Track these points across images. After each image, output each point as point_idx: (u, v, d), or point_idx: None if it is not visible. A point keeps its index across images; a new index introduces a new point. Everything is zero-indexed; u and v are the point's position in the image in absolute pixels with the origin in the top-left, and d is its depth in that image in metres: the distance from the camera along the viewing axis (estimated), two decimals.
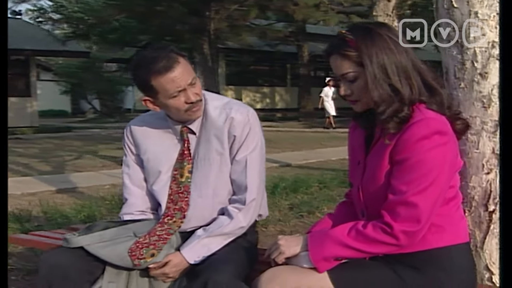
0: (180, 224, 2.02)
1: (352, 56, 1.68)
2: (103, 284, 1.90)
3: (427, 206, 1.61)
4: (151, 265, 1.88)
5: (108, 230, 1.93)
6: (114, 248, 1.87)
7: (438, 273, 1.65)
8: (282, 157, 10.27)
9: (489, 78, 1.95)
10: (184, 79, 1.90)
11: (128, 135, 2.17)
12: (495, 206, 1.98)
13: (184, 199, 2.04)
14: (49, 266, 1.86)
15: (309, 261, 1.72)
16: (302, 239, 1.77)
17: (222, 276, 1.71)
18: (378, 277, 1.68)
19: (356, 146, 1.86)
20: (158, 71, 1.88)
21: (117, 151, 11.92)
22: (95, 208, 5.17)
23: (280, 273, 1.74)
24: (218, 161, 2.03)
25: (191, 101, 1.93)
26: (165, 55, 1.90)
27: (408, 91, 1.67)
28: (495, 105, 1.96)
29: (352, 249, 1.67)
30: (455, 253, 1.68)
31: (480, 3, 1.93)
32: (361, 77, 1.69)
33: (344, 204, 2.00)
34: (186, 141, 2.07)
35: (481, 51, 1.95)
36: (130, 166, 2.16)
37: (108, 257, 1.87)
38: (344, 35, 1.70)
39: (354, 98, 1.74)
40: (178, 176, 2.07)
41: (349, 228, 1.70)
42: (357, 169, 1.82)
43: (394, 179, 1.65)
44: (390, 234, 1.62)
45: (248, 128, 2.02)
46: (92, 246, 1.87)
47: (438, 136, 1.61)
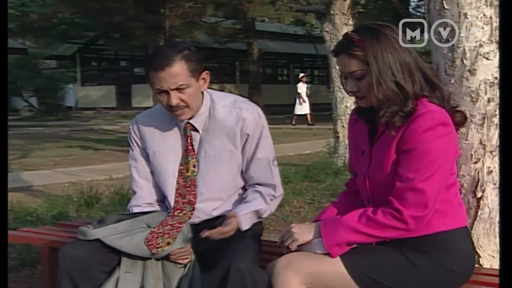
0: (190, 215, 2.10)
1: (359, 55, 1.79)
2: (120, 274, 1.95)
3: (433, 192, 1.74)
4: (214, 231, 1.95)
5: (122, 222, 1.98)
6: (131, 239, 1.93)
7: (443, 255, 1.78)
8: None
9: (477, 74, 2.10)
10: (170, 82, 1.97)
11: (135, 129, 2.22)
12: (482, 193, 2.14)
13: (191, 193, 2.12)
14: (69, 258, 1.90)
15: (322, 247, 1.82)
16: (314, 227, 1.87)
17: (244, 263, 1.79)
18: (388, 260, 1.80)
19: (359, 137, 1.97)
20: (152, 66, 1.98)
21: (69, 149, 11.73)
22: (63, 206, 5.11)
23: (295, 259, 1.83)
24: (228, 158, 2.12)
25: (171, 104, 2.01)
26: (166, 53, 1.97)
27: (411, 87, 1.79)
28: (482, 100, 2.11)
29: (364, 234, 1.78)
30: (457, 236, 1.82)
31: (469, 5, 2.08)
32: (368, 75, 1.80)
33: (346, 193, 2.11)
34: (189, 137, 2.14)
35: (470, 50, 2.10)
36: (138, 160, 2.21)
37: (125, 247, 1.92)
38: (351, 36, 1.81)
39: (361, 94, 1.85)
40: (184, 171, 2.14)
41: (359, 214, 1.81)
42: (362, 159, 1.93)
43: (401, 168, 1.77)
44: (400, 219, 1.74)
45: (261, 126, 2.13)
46: (108, 238, 1.93)
47: (441, 127, 1.75)
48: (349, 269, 1.80)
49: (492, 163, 2.13)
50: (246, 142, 2.12)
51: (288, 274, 1.80)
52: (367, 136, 1.94)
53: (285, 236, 1.90)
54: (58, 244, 2.60)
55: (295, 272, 1.80)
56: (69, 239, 2.64)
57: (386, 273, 1.78)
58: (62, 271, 1.91)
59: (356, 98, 1.90)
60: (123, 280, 1.92)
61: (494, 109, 2.11)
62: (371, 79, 1.79)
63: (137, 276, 1.95)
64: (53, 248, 2.65)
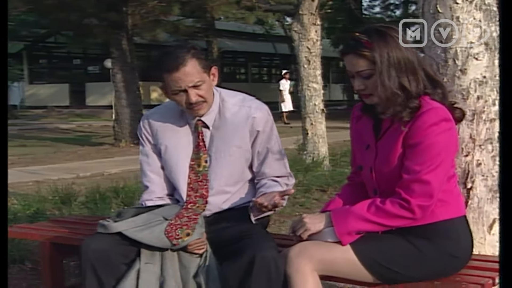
0: (203, 208, 2.19)
1: (367, 55, 1.92)
2: (141, 266, 2.03)
3: (438, 182, 1.89)
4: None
5: (139, 216, 2.06)
6: (151, 231, 2.02)
7: (447, 242, 1.93)
8: None
9: (468, 73, 2.27)
10: (186, 81, 2.07)
11: (145, 126, 2.30)
12: (472, 184, 2.31)
13: (203, 187, 2.21)
14: (92, 251, 1.98)
15: (333, 236, 1.95)
16: (324, 216, 2.00)
17: (269, 252, 1.91)
18: (396, 247, 1.94)
19: (364, 132, 2.10)
20: (166, 69, 2.07)
21: (24, 148, 11.53)
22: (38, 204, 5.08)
23: (307, 247, 1.96)
24: (237, 154, 2.23)
25: (191, 102, 2.11)
26: (177, 54, 2.07)
27: (415, 86, 1.94)
28: (472, 97, 2.28)
29: (373, 223, 1.92)
30: (458, 224, 1.98)
31: (461, 9, 2.24)
32: (375, 74, 1.93)
33: (349, 186, 2.24)
34: (201, 134, 2.23)
35: (461, 51, 2.27)
36: (149, 156, 2.29)
37: (146, 239, 2.00)
38: (359, 37, 1.94)
39: (368, 92, 1.98)
40: (195, 166, 2.23)
41: (367, 204, 1.94)
42: (367, 153, 2.07)
43: (407, 161, 1.91)
44: (407, 208, 1.88)
45: (271, 123, 2.26)
46: (129, 231, 2.00)
47: (444, 123, 1.90)
48: (359, 256, 1.93)
49: (481, 156, 2.30)
50: (256, 137, 2.23)
51: (302, 261, 1.92)
52: (372, 131, 2.07)
53: (297, 225, 2.02)
54: (59, 240, 2.65)
55: (307, 259, 1.93)
56: (70, 234, 2.69)
57: (394, 259, 1.92)
58: (86, 263, 1.98)
59: (363, 96, 2.02)
60: (144, 271, 2.00)
61: (483, 105, 2.28)
62: (376, 78, 1.93)
63: (157, 267, 2.03)
64: (53, 243, 2.69)
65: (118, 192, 5.45)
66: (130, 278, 1.98)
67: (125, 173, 7.92)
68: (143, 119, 2.33)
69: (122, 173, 7.88)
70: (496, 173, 2.30)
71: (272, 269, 1.89)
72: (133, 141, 12.10)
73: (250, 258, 1.90)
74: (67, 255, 2.89)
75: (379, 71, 1.91)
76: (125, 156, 10.37)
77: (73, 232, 2.74)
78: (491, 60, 2.28)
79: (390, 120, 1.98)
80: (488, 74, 2.27)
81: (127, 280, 1.98)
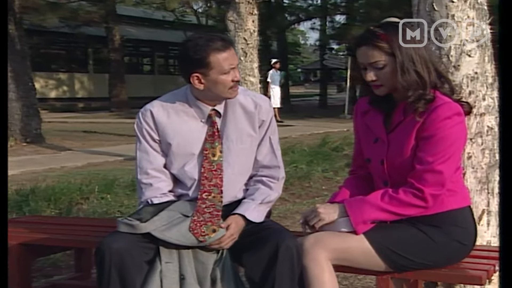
0: (220, 199, 2.33)
1: (383, 47, 2.17)
2: (162, 266, 2.16)
3: (449, 173, 2.17)
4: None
5: (160, 215, 2.19)
6: (178, 229, 2.16)
7: (457, 229, 2.21)
8: (123, 150, 10.41)
9: (461, 70, 2.59)
10: (235, 59, 2.28)
11: (147, 120, 2.38)
12: (463, 176, 2.63)
13: (218, 176, 2.35)
14: (116, 251, 2.09)
15: (347, 225, 2.19)
16: (338, 207, 2.23)
17: (291, 241, 2.13)
18: (409, 235, 2.20)
19: (372, 126, 2.34)
20: (217, 48, 2.24)
21: None
22: None
23: (322, 237, 2.18)
24: (249, 143, 2.41)
25: (237, 79, 2.30)
26: (220, 37, 2.28)
27: (428, 77, 2.21)
28: (465, 92, 2.59)
29: (388, 212, 2.16)
30: (466, 213, 2.27)
31: (456, 8, 2.55)
32: (388, 65, 2.18)
33: (352, 178, 2.47)
34: (215, 123, 2.38)
35: (455, 47, 2.58)
36: (149, 153, 2.38)
37: (175, 238, 2.15)
38: (375, 30, 2.19)
39: (379, 83, 2.23)
40: (210, 155, 2.36)
41: (381, 194, 2.19)
42: (376, 146, 2.31)
43: (421, 152, 2.17)
44: (421, 197, 2.15)
45: (272, 113, 2.46)
46: (158, 231, 2.14)
47: (456, 117, 2.18)
48: (373, 244, 2.17)
49: (471, 149, 2.61)
50: (260, 127, 2.42)
51: (317, 251, 2.14)
52: (382, 124, 2.31)
53: (311, 216, 2.23)
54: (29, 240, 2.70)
55: (323, 249, 2.15)
56: (43, 235, 2.74)
57: (408, 247, 2.18)
58: (108, 264, 2.08)
59: (374, 87, 2.26)
60: (165, 270, 2.14)
61: (474, 100, 2.60)
62: (390, 69, 2.18)
63: (175, 265, 2.17)
64: (24, 244, 2.73)
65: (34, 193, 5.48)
66: (155, 280, 2.12)
67: (26, 175, 7.80)
68: (143, 113, 2.40)
69: (22, 175, 7.71)
70: (485, 166, 2.63)
71: (294, 259, 2.09)
72: (25, 139, 11.71)
73: (274, 247, 2.09)
74: (36, 255, 2.92)
75: (400, 62, 2.16)
76: (19, 156, 9.98)
77: (47, 233, 2.78)
78: (482, 57, 2.60)
79: (403, 113, 2.24)
80: (479, 70, 2.60)
81: (153, 282, 2.11)
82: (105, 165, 8.67)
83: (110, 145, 11.70)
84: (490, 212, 2.64)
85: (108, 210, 5.42)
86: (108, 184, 6.19)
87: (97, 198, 5.81)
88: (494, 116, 2.63)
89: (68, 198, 5.63)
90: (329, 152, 8.84)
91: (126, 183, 6.41)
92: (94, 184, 6.19)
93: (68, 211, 5.27)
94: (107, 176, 6.86)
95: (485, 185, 2.63)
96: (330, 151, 8.95)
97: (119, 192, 6.02)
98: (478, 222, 2.61)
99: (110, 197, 5.84)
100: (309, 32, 74.49)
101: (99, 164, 8.50)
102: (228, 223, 2.25)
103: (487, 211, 2.64)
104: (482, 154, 2.63)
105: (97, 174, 7.12)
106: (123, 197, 5.87)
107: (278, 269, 2.08)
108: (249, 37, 7.54)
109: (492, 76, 2.64)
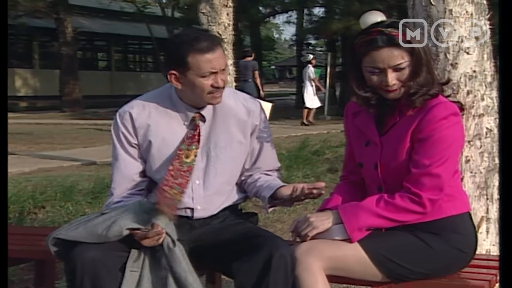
0: (180, 199, 2.39)
1: (404, 48, 2.25)
2: (126, 273, 2.22)
3: (447, 176, 2.28)
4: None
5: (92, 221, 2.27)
6: (85, 226, 2.24)
7: (457, 237, 2.32)
8: (79, 153, 10.40)
9: (459, 68, 2.71)
10: (219, 63, 2.33)
11: (125, 123, 2.45)
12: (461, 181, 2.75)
13: (185, 177, 2.41)
14: (90, 260, 2.16)
15: (341, 233, 2.29)
16: (331, 214, 2.32)
17: (285, 250, 2.21)
18: (406, 243, 2.30)
19: (364, 128, 2.44)
20: (199, 49, 2.29)
21: None
22: None
23: (316, 245, 2.28)
24: (238, 150, 2.50)
25: (218, 85, 2.35)
26: (208, 36, 2.33)
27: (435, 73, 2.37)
28: (462, 92, 2.72)
29: (384, 218, 2.27)
30: (466, 219, 2.39)
31: (454, 2, 2.68)
32: (408, 66, 2.27)
33: (343, 184, 2.57)
34: (198, 127, 2.45)
35: (453, 45, 2.70)
36: (123, 160, 2.47)
37: (80, 236, 2.22)
38: (390, 31, 2.26)
39: (397, 86, 2.29)
40: (183, 156, 2.43)
41: (375, 200, 2.29)
42: (368, 149, 2.41)
43: (417, 155, 2.28)
44: (418, 202, 2.25)
45: (264, 115, 2.55)
46: (62, 232, 2.25)
47: (453, 117, 2.29)
48: (369, 253, 2.27)
49: (469, 152, 2.74)
50: (253, 131, 2.51)
51: (311, 259, 2.23)
52: (374, 126, 2.41)
53: (303, 225, 2.32)
54: None
55: (317, 257, 2.24)
56: None
57: (405, 255, 2.28)
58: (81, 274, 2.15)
59: (388, 92, 2.30)
60: (131, 277, 2.21)
61: (472, 100, 2.73)
62: (408, 71, 2.27)
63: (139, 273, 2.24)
64: None
65: None
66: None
67: None
68: (121, 114, 2.46)
69: None
70: (483, 170, 2.75)
71: (289, 267, 2.19)
72: None
73: (267, 255, 2.18)
74: None
75: (425, 60, 2.28)
76: None
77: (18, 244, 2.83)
78: (481, 55, 2.73)
79: (398, 115, 2.34)
80: (477, 68, 2.73)
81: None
82: (59, 170, 8.57)
83: (64, 148, 11.63)
84: (489, 219, 2.77)
85: (69, 219, 5.42)
86: (67, 191, 6.19)
87: (55, 206, 5.81)
88: (493, 117, 2.75)
89: (18, 207, 5.61)
90: (310, 156, 8.94)
91: (86, 190, 6.43)
92: (50, 191, 6.18)
93: (19, 221, 5.24)
94: (63, 182, 6.83)
95: (484, 191, 2.76)
96: (311, 155, 9.06)
97: (80, 200, 6.03)
98: (477, 229, 2.72)
99: (70, 205, 5.85)
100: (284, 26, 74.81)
101: (52, 170, 8.41)
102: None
103: (486, 218, 2.76)
104: (480, 157, 2.75)
105: (51, 181, 7.08)
106: (85, 206, 5.89)
107: (271, 278, 2.17)
108: (223, 32, 7.60)
109: (491, 75, 2.77)
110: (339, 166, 2.54)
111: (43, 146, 12.00)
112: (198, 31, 2.42)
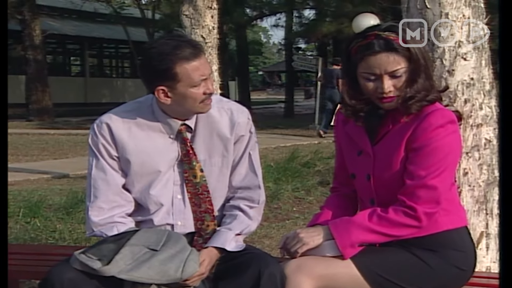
0: (214, 227, 2.47)
1: (403, 52, 2.31)
2: None
3: (445, 188, 2.33)
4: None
5: (122, 252, 2.25)
6: (149, 266, 2.23)
7: (454, 253, 2.37)
8: (49, 166, 10.37)
9: (455, 75, 2.77)
10: (207, 68, 2.36)
11: (104, 134, 2.45)
12: (459, 195, 2.80)
13: (206, 200, 2.48)
14: (68, 281, 2.18)
15: (332, 249, 2.33)
16: (322, 230, 2.37)
17: (275, 268, 2.25)
18: (401, 260, 2.34)
19: (354, 137, 2.49)
20: (185, 57, 2.30)
21: None
22: None
23: (306, 263, 2.32)
24: (220, 164, 2.52)
25: (210, 91, 2.37)
26: (188, 42, 2.35)
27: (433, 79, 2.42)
28: (460, 100, 2.78)
29: (377, 233, 2.31)
30: (463, 234, 2.44)
31: (450, 5, 2.74)
32: (405, 72, 2.32)
33: (334, 197, 2.62)
34: (187, 140, 2.47)
35: (449, 50, 2.77)
36: (107, 172, 2.46)
37: (146, 278, 2.22)
38: (388, 35, 2.32)
39: (393, 94, 2.34)
40: (191, 178, 2.47)
41: (368, 214, 2.34)
42: (360, 159, 2.46)
43: (411, 165, 2.32)
44: (413, 216, 2.29)
45: (250, 127, 2.56)
46: (123, 272, 2.21)
47: (450, 125, 2.34)
48: (361, 270, 2.32)
49: (467, 164, 2.80)
50: (237, 142, 2.52)
51: (301, 278, 2.28)
52: (366, 135, 2.46)
53: (292, 241, 2.36)
54: None
55: (306, 275, 2.28)
56: None
57: (399, 273, 2.33)
58: None
59: (384, 100, 2.34)
60: None
61: (470, 109, 2.79)
62: (406, 77, 2.32)
63: None
64: None
65: None
66: None
67: None
68: (98, 125, 2.47)
69: None
70: (482, 183, 2.81)
71: (278, 286, 2.22)
72: None
73: (255, 274, 2.21)
74: None
75: (424, 66, 2.33)
76: None
77: None
78: (479, 61, 2.80)
79: (391, 122, 2.39)
80: (475, 75, 2.79)
81: None
82: (25, 184, 8.50)
83: (30, 160, 11.57)
84: (489, 234, 2.82)
85: (37, 236, 5.42)
86: (33, 206, 6.18)
87: (19, 223, 5.79)
88: (492, 128, 2.81)
89: None
90: (299, 168, 8.96)
91: (57, 205, 6.43)
92: (14, 206, 6.14)
93: None
94: (30, 197, 6.81)
95: (483, 205, 2.81)
96: (300, 167, 9.07)
97: (49, 216, 6.02)
98: (477, 246, 2.77)
99: (38, 221, 5.83)
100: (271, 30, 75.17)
101: (16, 183, 8.35)
102: (201, 259, 2.35)
103: (486, 234, 2.82)
104: (479, 170, 2.81)
105: (15, 195, 7.05)
106: (55, 221, 5.88)
107: None
108: (207, 35, 7.64)
109: (490, 83, 2.83)
110: (331, 178, 2.55)
111: (31, 157, 11.97)
112: (174, 37, 2.38)
